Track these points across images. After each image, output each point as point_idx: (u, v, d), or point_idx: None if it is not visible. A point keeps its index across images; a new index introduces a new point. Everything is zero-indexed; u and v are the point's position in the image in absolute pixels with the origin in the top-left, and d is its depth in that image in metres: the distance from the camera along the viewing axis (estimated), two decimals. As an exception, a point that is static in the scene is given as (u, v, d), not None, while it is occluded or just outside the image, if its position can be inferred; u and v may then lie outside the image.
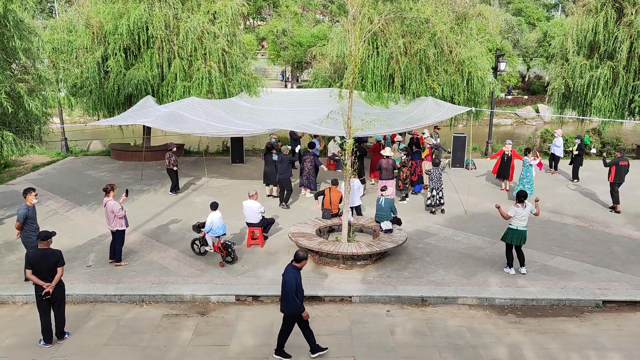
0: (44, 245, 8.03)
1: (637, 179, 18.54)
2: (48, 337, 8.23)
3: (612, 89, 20.58)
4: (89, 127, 26.07)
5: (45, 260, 7.95)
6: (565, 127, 25.09)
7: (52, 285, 7.96)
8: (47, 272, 7.96)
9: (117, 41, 18.02)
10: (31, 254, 8.05)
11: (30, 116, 13.25)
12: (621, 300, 9.71)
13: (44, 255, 7.97)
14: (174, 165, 15.96)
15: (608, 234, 12.95)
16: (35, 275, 7.93)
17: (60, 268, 8.05)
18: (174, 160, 15.94)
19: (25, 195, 9.84)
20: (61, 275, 8.09)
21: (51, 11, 44.02)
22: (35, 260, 7.94)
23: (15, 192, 16.52)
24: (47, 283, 7.93)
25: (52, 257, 8.02)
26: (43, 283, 7.92)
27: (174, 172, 16.11)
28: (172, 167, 15.96)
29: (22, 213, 9.64)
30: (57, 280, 8.02)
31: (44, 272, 7.94)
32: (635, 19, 19.48)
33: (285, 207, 14.94)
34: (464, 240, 12.53)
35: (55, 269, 8.00)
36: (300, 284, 7.64)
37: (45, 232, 8.17)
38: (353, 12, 10.21)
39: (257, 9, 64.33)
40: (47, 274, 7.96)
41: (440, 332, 8.72)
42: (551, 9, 68.00)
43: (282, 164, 14.98)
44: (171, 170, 16.03)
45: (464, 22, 19.29)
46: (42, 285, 7.92)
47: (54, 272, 7.99)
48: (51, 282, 7.95)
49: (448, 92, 18.58)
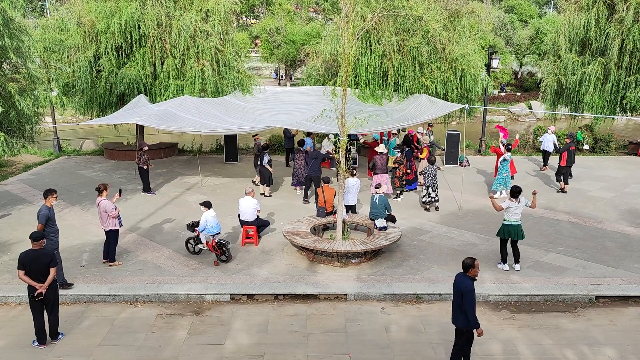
0: (36, 246, 7.98)
1: (629, 175, 18.68)
2: (41, 338, 8.19)
3: (603, 85, 20.68)
4: (81, 126, 25.92)
5: (38, 261, 7.89)
6: (558, 124, 25.21)
7: (45, 286, 7.92)
8: (40, 272, 7.91)
9: (109, 40, 17.91)
10: (23, 254, 7.99)
11: (21, 116, 13.16)
12: (614, 295, 9.78)
13: (36, 256, 7.92)
14: (145, 164, 15.83)
15: (601, 230, 13.04)
16: (28, 276, 7.88)
17: (52, 269, 7.99)
18: (145, 160, 15.81)
19: (46, 197, 9.75)
20: (54, 276, 8.04)
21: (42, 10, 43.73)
22: (28, 261, 7.89)
23: (8, 193, 16.43)
24: (39, 284, 7.89)
25: (45, 257, 7.96)
26: (35, 284, 7.88)
27: (145, 171, 15.98)
28: (142, 166, 15.84)
29: (44, 214, 9.50)
30: (49, 281, 7.97)
31: (37, 273, 7.89)
32: (626, 15, 19.58)
33: (306, 201, 15.20)
34: (458, 237, 12.57)
35: (47, 270, 7.95)
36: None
37: (37, 233, 8.12)
38: (346, 9, 10.21)
39: (250, 7, 64.12)
40: (40, 274, 7.91)
41: (435, 328, 8.75)
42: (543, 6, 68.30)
43: (315, 161, 15.02)
44: (142, 169, 15.92)
45: (456, 20, 19.32)
46: (35, 286, 7.87)
47: (47, 273, 7.94)
48: (44, 283, 7.91)
49: (441, 90, 18.62)
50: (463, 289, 6.87)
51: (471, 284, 6.92)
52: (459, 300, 6.96)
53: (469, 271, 6.98)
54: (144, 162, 15.80)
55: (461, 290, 6.90)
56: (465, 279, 6.96)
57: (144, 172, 15.99)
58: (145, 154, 15.81)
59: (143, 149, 15.90)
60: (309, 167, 15.14)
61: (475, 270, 6.97)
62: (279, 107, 18.15)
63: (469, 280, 6.94)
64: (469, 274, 6.98)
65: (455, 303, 7.04)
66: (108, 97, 18.76)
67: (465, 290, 6.85)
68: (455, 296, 7.04)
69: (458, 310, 7.01)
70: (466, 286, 6.88)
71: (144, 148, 15.94)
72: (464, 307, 6.88)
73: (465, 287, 6.87)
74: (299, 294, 9.82)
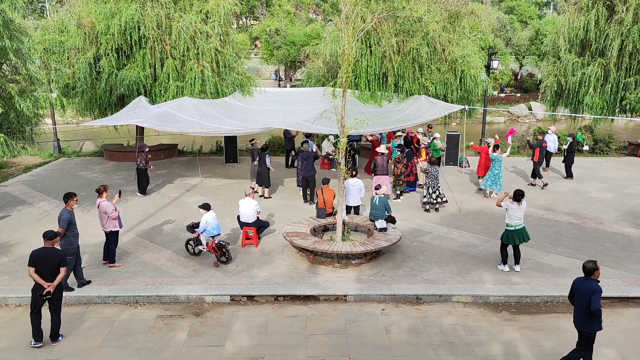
0: (49, 245, 8.04)
1: (629, 176, 18.67)
2: (37, 335, 8.19)
3: (603, 86, 20.68)
4: (81, 128, 25.91)
5: (49, 259, 7.95)
6: (558, 125, 25.19)
7: (54, 285, 7.96)
8: (50, 272, 7.95)
9: (109, 41, 17.91)
10: (35, 252, 8.05)
11: (21, 117, 13.16)
12: (614, 296, 9.76)
13: (48, 255, 7.98)
14: (144, 166, 15.80)
15: (601, 231, 13.03)
16: (38, 274, 7.92)
17: (63, 268, 8.06)
18: (145, 161, 15.80)
19: (66, 201, 9.79)
20: (63, 275, 8.12)
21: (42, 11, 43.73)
22: (39, 259, 7.94)
23: (7, 194, 16.41)
24: (48, 283, 7.92)
25: (56, 257, 8.04)
26: (44, 282, 7.91)
27: (144, 172, 15.93)
28: (142, 167, 15.80)
29: (66, 218, 9.53)
30: (59, 280, 8.03)
31: (47, 272, 7.94)
32: (625, 16, 19.58)
33: (311, 203, 15.05)
34: (458, 238, 12.56)
35: (58, 269, 8.00)
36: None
37: (51, 232, 8.18)
38: (346, 10, 10.21)
39: (250, 8, 64.15)
40: (50, 273, 7.96)
41: (435, 330, 8.73)
42: (543, 7, 68.28)
43: (306, 161, 14.99)
44: (141, 170, 15.87)
45: (456, 21, 19.33)
46: (43, 285, 7.90)
47: (57, 272, 7.99)
48: (53, 282, 7.94)
49: (441, 91, 18.62)
50: (594, 291, 6.90)
51: (599, 286, 6.99)
52: (583, 304, 6.98)
53: (593, 274, 7.06)
54: (143, 164, 15.78)
55: (591, 292, 6.91)
56: (591, 282, 7.04)
57: (143, 173, 15.95)
58: (145, 155, 15.78)
59: (144, 150, 15.89)
60: (303, 168, 15.08)
61: (598, 272, 7.07)
62: (278, 108, 18.14)
63: (595, 283, 7.02)
64: (593, 276, 7.08)
65: (579, 307, 7.07)
66: (108, 98, 18.76)
67: (596, 293, 6.87)
68: (580, 300, 7.06)
69: (582, 314, 7.03)
70: (595, 290, 6.92)
71: (145, 149, 15.93)
72: (589, 310, 6.88)
73: (594, 291, 6.91)
74: (299, 295, 9.81)
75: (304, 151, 15.42)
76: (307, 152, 15.26)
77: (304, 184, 15.24)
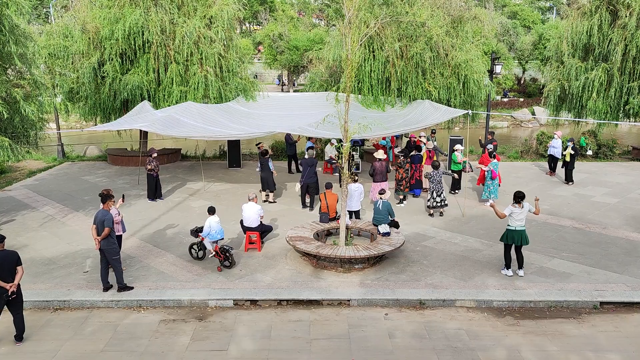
0: (0, 247, 8.23)
1: (633, 181, 18.62)
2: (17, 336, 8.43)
3: (606, 91, 20.67)
4: (85, 132, 26.01)
5: (5, 260, 8.12)
6: (561, 129, 25.20)
7: (15, 284, 8.15)
8: (8, 272, 8.14)
9: (113, 46, 18.01)
10: None
11: (26, 121, 13.24)
12: (618, 301, 9.72)
13: (3, 257, 8.14)
14: (153, 171, 15.81)
15: (605, 236, 12.99)
16: None
17: (20, 267, 8.27)
18: (154, 166, 15.79)
19: (105, 201, 9.96)
20: (22, 274, 8.31)
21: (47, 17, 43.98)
22: None
23: (12, 199, 16.48)
24: (9, 283, 8.10)
25: (12, 257, 8.23)
26: (5, 284, 8.08)
27: (153, 178, 15.94)
28: (151, 173, 15.82)
29: (110, 218, 9.68)
30: (19, 279, 8.21)
31: (5, 273, 8.12)
32: (629, 21, 19.59)
33: (311, 209, 15.05)
34: (462, 242, 12.54)
35: (15, 269, 8.20)
36: None
37: (1, 235, 8.37)
38: (349, 16, 10.25)
39: (253, 13, 64.34)
40: (8, 274, 8.14)
41: (439, 335, 8.71)
42: (546, 11, 68.29)
43: (310, 168, 14.95)
44: (150, 176, 15.88)
45: (459, 26, 19.36)
46: (5, 287, 8.06)
47: (14, 273, 8.19)
48: (13, 282, 8.13)
49: (444, 95, 18.63)
50: None
51: None
52: None
53: None
54: (152, 169, 15.75)
55: None
56: None
57: (152, 179, 15.95)
58: (154, 161, 15.78)
59: (152, 155, 15.90)
60: (306, 175, 14.99)
61: None
62: (282, 113, 18.18)
63: None
64: None
65: None
66: (112, 103, 18.86)
67: None
68: None
69: None
70: None
71: (154, 155, 15.94)
72: None
73: None
74: (302, 299, 9.80)
75: (308, 158, 15.34)
76: (311, 158, 15.22)
77: (304, 189, 15.24)
